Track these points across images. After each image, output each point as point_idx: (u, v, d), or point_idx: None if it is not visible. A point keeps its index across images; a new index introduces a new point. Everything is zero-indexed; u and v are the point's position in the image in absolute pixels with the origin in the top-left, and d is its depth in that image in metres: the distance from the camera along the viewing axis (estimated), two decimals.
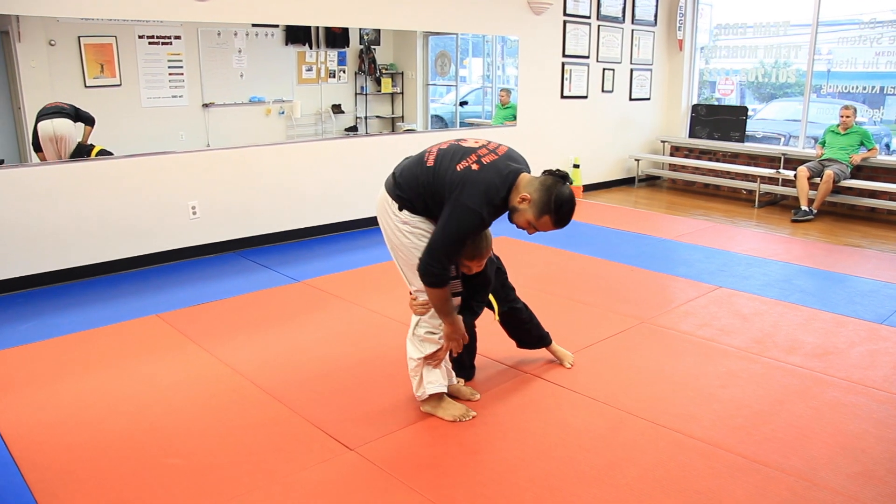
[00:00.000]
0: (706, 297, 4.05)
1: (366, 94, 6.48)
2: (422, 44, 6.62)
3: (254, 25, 5.45)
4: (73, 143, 4.47)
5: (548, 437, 2.51)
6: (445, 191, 2.29)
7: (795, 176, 6.51)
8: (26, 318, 3.74)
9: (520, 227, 2.40)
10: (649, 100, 8.28)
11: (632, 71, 7.94)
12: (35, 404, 2.77)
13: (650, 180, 8.53)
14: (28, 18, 4.25)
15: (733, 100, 8.24)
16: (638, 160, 8.20)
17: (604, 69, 7.59)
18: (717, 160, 7.84)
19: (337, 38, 6.10)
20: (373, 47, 6.38)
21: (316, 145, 5.47)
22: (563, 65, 7.12)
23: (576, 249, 5.05)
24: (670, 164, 8.31)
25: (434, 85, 6.91)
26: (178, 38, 5.04)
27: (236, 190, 4.99)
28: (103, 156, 4.53)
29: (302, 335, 3.48)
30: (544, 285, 4.23)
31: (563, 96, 7.23)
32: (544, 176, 2.35)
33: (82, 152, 4.49)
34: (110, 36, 4.71)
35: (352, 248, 5.18)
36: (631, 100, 8.04)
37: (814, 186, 6.45)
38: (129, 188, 4.48)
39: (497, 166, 2.32)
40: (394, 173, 2.50)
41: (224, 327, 3.57)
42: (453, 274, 2.44)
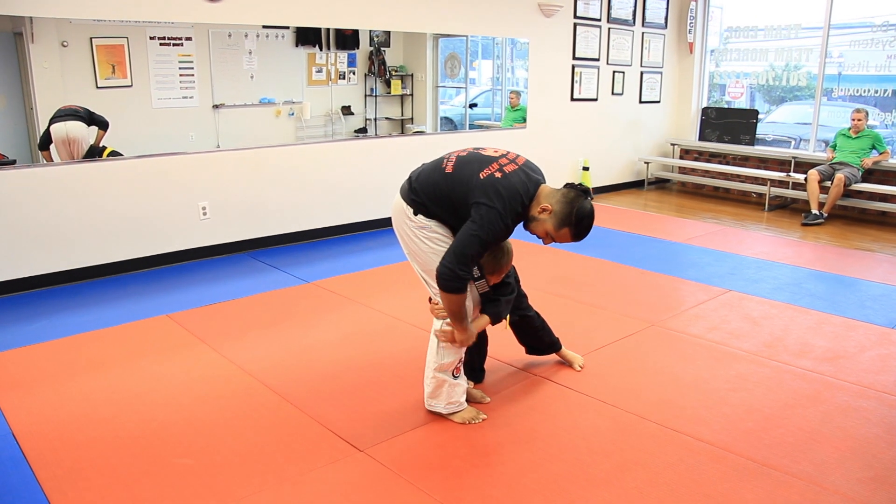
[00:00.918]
0: (716, 300, 4.04)
1: (375, 96, 6.50)
2: (432, 46, 6.63)
3: (264, 27, 5.47)
4: (86, 146, 4.50)
5: (557, 440, 2.51)
6: (468, 197, 2.33)
7: (806, 179, 6.48)
8: (38, 317, 3.76)
9: (537, 236, 2.46)
10: (659, 102, 8.27)
11: (642, 74, 7.93)
12: (46, 403, 2.79)
13: (660, 183, 8.52)
14: (41, 20, 4.29)
15: (743, 103, 8.21)
16: (648, 163, 8.19)
17: (614, 72, 7.58)
18: (727, 163, 7.81)
19: (347, 39, 6.11)
20: (383, 49, 6.39)
21: (325, 147, 5.49)
22: (573, 67, 7.12)
23: (585, 252, 5.04)
24: (680, 167, 8.29)
25: (444, 87, 6.91)
26: (188, 39, 5.06)
27: (246, 191, 5.01)
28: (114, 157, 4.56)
29: (312, 336, 3.49)
30: (554, 288, 4.22)
31: (573, 99, 7.22)
32: (566, 189, 2.41)
33: (94, 154, 4.53)
34: (122, 37, 4.74)
35: (362, 250, 5.19)
36: (641, 102, 8.03)
37: (824, 190, 6.42)
38: (139, 189, 4.51)
39: (519, 176, 2.38)
40: (409, 178, 2.52)
41: (234, 328, 3.59)
42: (476, 275, 2.50)
